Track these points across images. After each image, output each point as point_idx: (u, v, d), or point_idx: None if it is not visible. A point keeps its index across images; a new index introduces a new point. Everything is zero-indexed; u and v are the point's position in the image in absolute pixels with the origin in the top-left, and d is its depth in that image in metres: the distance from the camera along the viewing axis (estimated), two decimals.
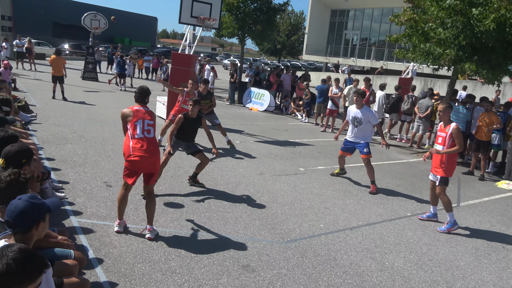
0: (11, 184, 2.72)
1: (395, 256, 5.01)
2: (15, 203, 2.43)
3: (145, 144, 4.68)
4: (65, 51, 33.12)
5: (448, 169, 5.98)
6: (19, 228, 2.42)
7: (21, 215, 2.40)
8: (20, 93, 13.35)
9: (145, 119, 4.79)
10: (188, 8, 11.69)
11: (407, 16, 9.71)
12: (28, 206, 2.42)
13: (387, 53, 30.80)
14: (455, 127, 5.87)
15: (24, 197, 2.46)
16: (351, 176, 8.29)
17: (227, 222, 5.43)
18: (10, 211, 2.41)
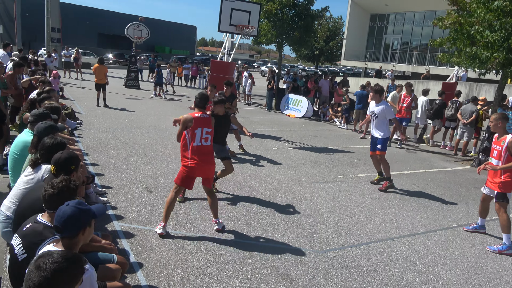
0: (63, 190, 2.82)
1: (440, 269, 4.80)
2: (63, 208, 2.51)
3: (202, 152, 4.95)
4: (109, 60, 34.39)
5: (507, 184, 5.44)
6: (66, 233, 2.50)
7: (69, 221, 2.48)
8: (67, 100, 13.98)
9: (204, 127, 4.97)
10: (227, 17, 11.86)
11: (452, 19, 9.37)
12: (76, 212, 2.50)
13: (429, 58, 29.89)
14: (511, 139, 5.36)
15: (71, 203, 2.54)
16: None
17: (265, 230, 5.40)
18: (59, 216, 2.49)
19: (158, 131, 10.90)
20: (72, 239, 2.51)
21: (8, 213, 3.67)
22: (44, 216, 2.88)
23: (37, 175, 3.68)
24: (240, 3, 13.03)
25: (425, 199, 7.33)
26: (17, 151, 4.64)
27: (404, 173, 9.02)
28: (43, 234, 2.74)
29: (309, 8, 23.73)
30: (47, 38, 27.02)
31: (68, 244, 2.50)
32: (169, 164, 7.90)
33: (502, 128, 5.54)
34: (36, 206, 3.04)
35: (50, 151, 3.65)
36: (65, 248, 2.47)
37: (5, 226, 3.69)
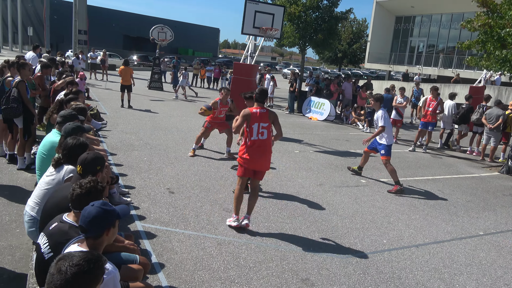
0: (91, 191, 2.87)
1: (466, 278, 4.65)
2: (89, 209, 2.55)
3: (258, 145, 5.21)
4: (134, 62, 34.96)
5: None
6: (91, 233, 2.54)
7: (94, 221, 2.51)
8: (92, 101, 14.27)
9: (261, 122, 5.21)
10: (250, 19, 11.87)
11: (481, 22, 9.12)
12: (100, 212, 2.53)
13: (456, 61, 29.20)
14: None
15: (96, 204, 2.58)
16: (416, 190, 7.88)
17: (286, 234, 5.36)
18: (84, 216, 2.53)
19: (180, 132, 10.99)
20: (97, 239, 2.55)
21: (32, 213, 3.75)
22: (69, 216, 2.92)
23: (58, 175, 3.75)
24: (264, 5, 13.05)
25: (450, 206, 7.15)
26: (44, 151, 4.75)
27: (429, 179, 8.82)
28: (68, 234, 2.79)
29: (333, 10, 23.55)
30: (74, 40, 27.72)
31: (92, 244, 2.53)
32: (191, 166, 7.95)
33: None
34: (62, 205, 3.10)
35: (72, 152, 3.71)
36: (90, 248, 2.51)
37: (30, 226, 3.77)
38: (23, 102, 6.54)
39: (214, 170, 7.82)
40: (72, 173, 3.71)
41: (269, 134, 5.29)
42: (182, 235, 5.00)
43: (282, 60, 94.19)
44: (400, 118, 12.75)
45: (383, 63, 35.58)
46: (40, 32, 42.87)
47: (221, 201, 6.26)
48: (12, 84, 6.50)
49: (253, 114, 5.18)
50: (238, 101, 9.95)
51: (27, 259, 4.09)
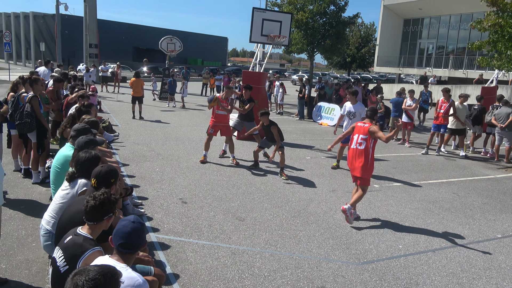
0: (104, 202, 2.91)
1: (486, 283, 4.56)
2: (132, 226, 2.63)
3: (354, 154, 6.02)
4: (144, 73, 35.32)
5: None
6: (134, 249, 2.65)
7: (139, 236, 2.65)
8: (104, 114, 14.44)
9: (360, 134, 5.97)
10: (258, 27, 11.93)
11: (492, 21, 9.03)
12: (142, 228, 2.69)
13: (467, 61, 28.93)
14: None
15: (136, 219, 2.67)
16: (431, 194, 7.78)
17: (300, 241, 5.32)
18: (128, 233, 2.60)
19: (191, 142, 11.05)
20: (133, 254, 2.66)
21: (48, 227, 3.79)
22: (84, 229, 2.95)
23: (73, 190, 3.79)
24: (271, 13, 13.11)
25: (466, 209, 7.03)
26: (58, 164, 4.81)
27: (444, 182, 8.71)
28: (83, 246, 2.81)
29: (340, 15, 23.59)
30: (86, 54, 28.16)
31: (128, 258, 2.62)
32: (203, 175, 7.97)
33: None
34: (76, 219, 3.13)
35: (85, 166, 3.75)
36: (124, 261, 2.59)
37: (46, 239, 3.81)
38: (37, 116, 6.64)
39: (226, 179, 7.83)
40: (85, 186, 3.75)
41: (368, 146, 5.93)
42: (196, 245, 5.00)
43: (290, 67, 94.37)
44: (411, 121, 12.64)
45: (392, 66, 35.42)
46: (52, 47, 43.66)
47: (233, 210, 6.25)
48: (25, 99, 6.61)
49: (357, 126, 6.13)
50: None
51: (43, 273, 4.13)
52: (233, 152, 9.07)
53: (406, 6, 32.72)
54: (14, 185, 6.72)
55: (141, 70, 35.38)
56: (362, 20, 50.99)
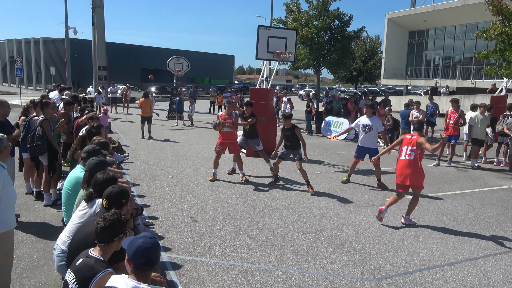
0: (114, 223, 2.91)
1: None
2: (150, 241, 2.63)
3: (403, 165, 6.44)
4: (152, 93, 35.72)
5: None
6: (156, 263, 2.68)
7: (157, 252, 2.67)
8: (114, 134, 14.57)
9: (409, 145, 6.42)
10: (264, 45, 12.04)
11: (498, 30, 9.02)
12: (158, 242, 2.73)
13: (474, 71, 28.81)
14: None
15: (149, 235, 2.69)
16: (444, 206, 7.66)
17: (313, 257, 5.25)
18: (149, 249, 2.60)
19: (200, 160, 11.07)
20: (149, 272, 2.68)
21: (63, 247, 3.79)
22: (95, 250, 2.94)
23: (91, 210, 3.81)
24: (276, 30, 13.24)
25: (481, 221, 6.90)
26: (70, 186, 4.84)
27: (457, 193, 8.58)
28: (94, 268, 2.80)
29: (345, 30, 23.75)
30: (95, 76, 28.58)
31: (146, 276, 2.64)
32: (213, 193, 7.95)
33: None
34: (88, 240, 3.12)
35: (104, 186, 3.78)
36: (144, 281, 2.59)
37: (60, 260, 3.81)
38: (48, 139, 6.72)
39: (236, 196, 7.81)
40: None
41: (416, 156, 6.38)
42: (208, 264, 4.96)
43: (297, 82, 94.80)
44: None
45: (399, 78, 35.39)
46: (62, 71, 44.45)
47: (245, 227, 6.21)
48: (36, 123, 6.70)
49: (405, 138, 6.59)
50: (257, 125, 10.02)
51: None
52: (242, 169, 9.06)
53: (411, 18, 32.86)
54: (26, 208, 6.77)
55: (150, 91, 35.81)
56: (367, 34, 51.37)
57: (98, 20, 27.79)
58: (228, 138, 8.92)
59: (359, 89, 52.55)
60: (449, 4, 29.30)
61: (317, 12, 22.85)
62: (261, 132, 10.22)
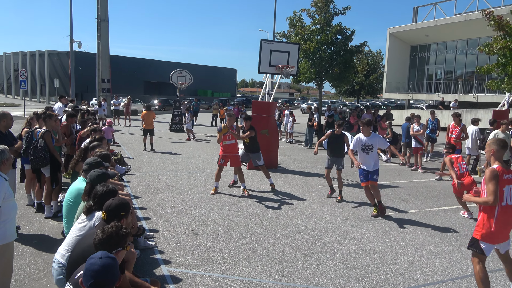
0: (112, 235, 2.89)
1: None
2: (100, 262, 2.59)
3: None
4: (155, 106, 35.90)
5: None
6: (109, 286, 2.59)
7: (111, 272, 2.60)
8: (116, 147, 14.59)
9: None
10: (266, 58, 12.13)
11: (500, 45, 9.06)
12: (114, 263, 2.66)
13: (476, 86, 28.90)
14: None
15: (104, 255, 2.64)
16: (447, 220, 7.60)
17: (314, 272, 5.20)
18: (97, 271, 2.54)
19: (202, 173, 11.05)
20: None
21: (62, 261, 3.77)
22: None
23: (90, 222, 3.80)
24: (278, 44, 13.35)
25: None
26: (71, 198, 4.83)
27: (459, 208, 8.51)
28: None
29: (347, 44, 23.91)
30: (98, 88, 28.80)
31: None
32: (214, 206, 7.93)
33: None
34: (87, 253, 3.10)
35: (103, 199, 3.77)
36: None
37: (59, 273, 3.78)
38: (50, 151, 6.74)
39: (238, 209, 7.77)
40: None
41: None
42: (208, 278, 4.91)
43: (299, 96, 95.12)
44: (421, 146, 12.55)
45: (401, 92, 35.51)
46: (66, 83, 44.78)
47: (246, 240, 6.16)
48: (38, 135, 6.73)
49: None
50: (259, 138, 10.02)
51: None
52: (243, 182, 9.03)
53: (412, 33, 33.12)
54: (27, 219, 6.75)
55: (152, 103, 35.98)
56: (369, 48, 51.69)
57: (102, 34, 28.11)
58: (230, 151, 8.92)
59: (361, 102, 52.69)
60: (451, 19, 29.54)
61: (319, 27, 23.05)
62: (263, 145, 10.23)
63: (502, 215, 4.23)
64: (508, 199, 4.26)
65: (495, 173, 4.20)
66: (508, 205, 4.25)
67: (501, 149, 4.32)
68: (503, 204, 4.23)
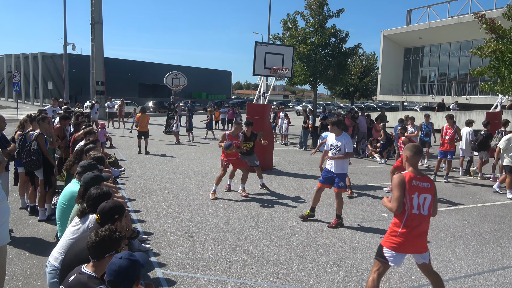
0: (105, 239, 2.87)
1: None
2: (118, 262, 2.56)
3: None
4: (150, 108, 35.80)
5: None
6: (123, 286, 2.54)
7: (126, 274, 2.54)
8: (111, 149, 14.53)
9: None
10: (261, 61, 12.14)
11: (492, 47, 9.14)
12: (130, 264, 2.57)
13: (469, 88, 29.10)
14: None
15: (124, 256, 2.60)
16: (441, 221, 7.64)
17: (309, 274, 5.20)
18: (114, 271, 2.53)
19: (197, 175, 11.03)
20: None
21: (55, 264, 3.74)
22: (88, 267, 2.90)
23: (84, 225, 3.77)
24: (273, 46, 13.37)
25: (479, 236, 6.88)
26: (65, 201, 4.80)
27: (454, 209, 8.57)
28: (87, 285, 2.76)
29: (341, 46, 24.01)
30: (92, 91, 28.69)
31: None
32: (209, 208, 7.91)
33: None
34: (81, 256, 3.09)
35: (97, 201, 3.75)
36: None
37: (53, 277, 3.75)
38: (43, 154, 6.70)
39: (233, 211, 7.76)
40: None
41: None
42: (203, 280, 4.90)
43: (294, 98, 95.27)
44: None
45: (395, 94, 35.69)
46: (60, 86, 44.61)
47: (241, 243, 6.16)
48: (31, 137, 6.68)
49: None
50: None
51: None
52: (244, 182, 9.00)
53: (406, 35, 33.30)
54: (20, 223, 6.70)
55: (147, 106, 35.88)
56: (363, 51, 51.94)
57: (96, 36, 28.03)
58: (232, 156, 8.87)
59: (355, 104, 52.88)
60: (444, 22, 29.74)
61: (313, 29, 23.14)
62: (258, 147, 10.22)
63: (410, 222, 3.97)
64: (419, 207, 4.00)
65: (400, 179, 4.01)
66: (420, 214, 3.99)
67: (414, 155, 4.14)
68: (413, 212, 3.97)
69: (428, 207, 4.03)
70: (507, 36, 9.09)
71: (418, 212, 3.99)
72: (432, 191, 4.07)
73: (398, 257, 4.04)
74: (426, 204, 4.02)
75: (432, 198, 4.06)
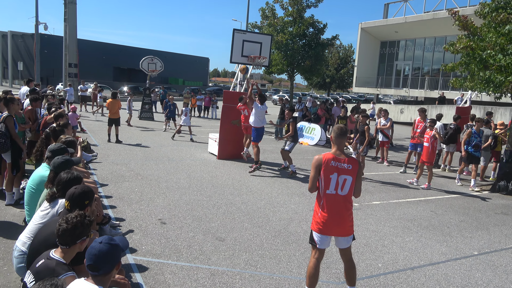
0: (77, 226, 2.84)
1: None
2: (98, 247, 2.53)
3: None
4: (124, 93, 35.07)
5: None
6: (103, 271, 2.53)
7: (106, 258, 2.52)
8: (83, 134, 14.22)
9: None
10: (239, 48, 12.07)
11: (464, 44, 9.37)
12: (111, 249, 2.55)
13: (442, 82, 29.83)
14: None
15: (104, 240, 2.58)
16: (409, 212, 7.88)
17: (280, 261, 5.29)
18: (94, 255, 2.51)
19: (171, 162, 10.96)
20: (106, 276, 2.56)
21: (23, 249, 3.68)
22: (56, 252, 2.87)
23: (53, 210, 3.71)
24: (251, 35, 13.29)
25: (444, 227, 7.14)
26: (33, 185, 4.70)
27: (422, 200, 8.84)
28: (55, 271, 2.73)
29: (319, 37, 24.14)
30: (65, 73, 27.85)
31: (101, 281, 2.53)
32: (183, 196, 7.89)
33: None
34: (50, 241, 3.05)
35: (67, 186, 3.69)
36: (97, 284, 2.50)
37: (20, 261, 3.69)
38: (11, 136, 6.51)
39: (206, 199, 7.77)
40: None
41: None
42: (175, 266, 4.91)
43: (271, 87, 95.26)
44: (387, 140, 12.90)
45: (370, 86, 36.23)
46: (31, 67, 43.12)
47: (213, 230, 6.19)
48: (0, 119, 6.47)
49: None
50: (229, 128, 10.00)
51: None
52: (248, 146, 10.97)
53: (383, 29, 33.73)
54: None
55: (121, 90, 35.15)
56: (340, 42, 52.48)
57: (70, 16, 27.13)
58: (246, 121, 10.75)
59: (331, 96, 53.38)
60: (420, 16, 30.26)
61: (292, 19, 23.13)
62: (233, 135, 10.24)
63: (328, 203, 4.05)
64: (337, 188, 4.04)
65: (316, 160, 4.10)
66: (337, 194, 4.05)
67: (337, 137, 4.17)
68: (327, 192, 4.05)
69: (348, 188, 4.07)
70: (478, 34, 9.35)
71: (335, 192, 4.04)
72: (353, 172, 4.06)
73: (323, 238, 4.14)
74: (347, 185, 4.05)
75: (353, 180, 4.07)
